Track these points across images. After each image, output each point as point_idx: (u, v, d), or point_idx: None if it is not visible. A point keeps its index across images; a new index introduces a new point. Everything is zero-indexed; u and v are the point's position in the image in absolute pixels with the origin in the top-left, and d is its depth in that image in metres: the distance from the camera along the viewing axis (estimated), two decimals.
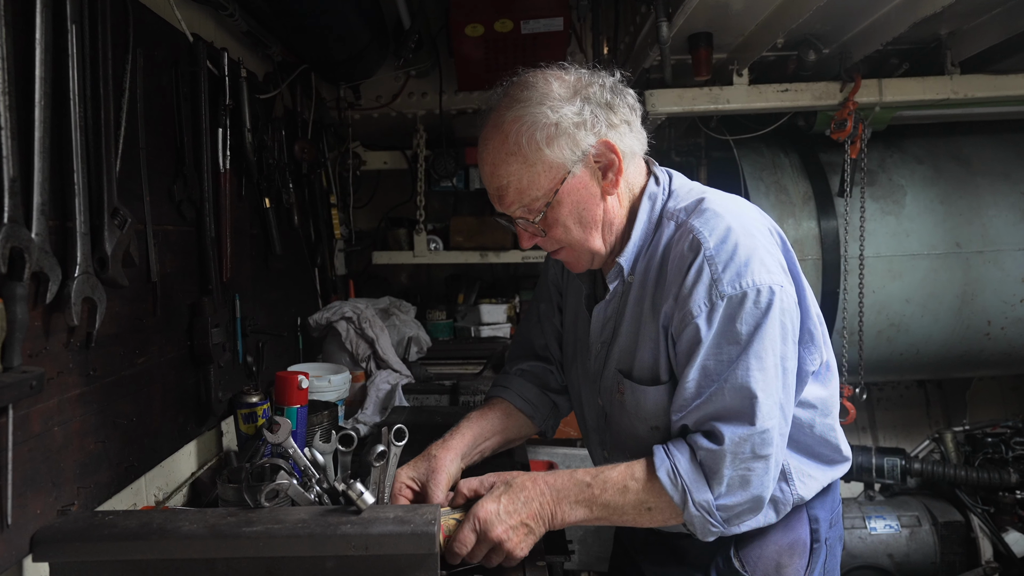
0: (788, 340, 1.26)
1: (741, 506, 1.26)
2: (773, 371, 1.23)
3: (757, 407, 1.21)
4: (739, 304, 1.22)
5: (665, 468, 1.26)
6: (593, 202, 1.33)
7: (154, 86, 1.67)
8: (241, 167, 2.16)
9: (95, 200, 1.35)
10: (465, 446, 1.55)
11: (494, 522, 1.26)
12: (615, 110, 1.32)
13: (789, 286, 1.27)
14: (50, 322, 1.25)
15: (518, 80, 1.34)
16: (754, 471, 1.24)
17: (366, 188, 3.84)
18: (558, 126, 1.26)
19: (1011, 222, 3.06)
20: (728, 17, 2.35)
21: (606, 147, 1.30)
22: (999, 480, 3.15)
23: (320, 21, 2.31)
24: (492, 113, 1.33)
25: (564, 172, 1.29)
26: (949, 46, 2.68)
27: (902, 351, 3.18)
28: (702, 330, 1.23)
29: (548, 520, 1.29)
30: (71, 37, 1.27)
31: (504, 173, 1.30)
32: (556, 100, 1.28)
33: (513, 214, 1.35)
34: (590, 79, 1.33)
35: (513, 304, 3.84)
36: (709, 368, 1.24)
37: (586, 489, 1.29)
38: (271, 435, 1.29)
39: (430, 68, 3.31)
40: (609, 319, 1.44)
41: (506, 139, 1.28)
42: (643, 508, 1.28)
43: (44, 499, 1.24)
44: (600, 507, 1.28)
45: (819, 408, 1.40)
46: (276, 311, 2.60)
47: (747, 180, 3.13)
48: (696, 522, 1.26)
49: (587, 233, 1.35)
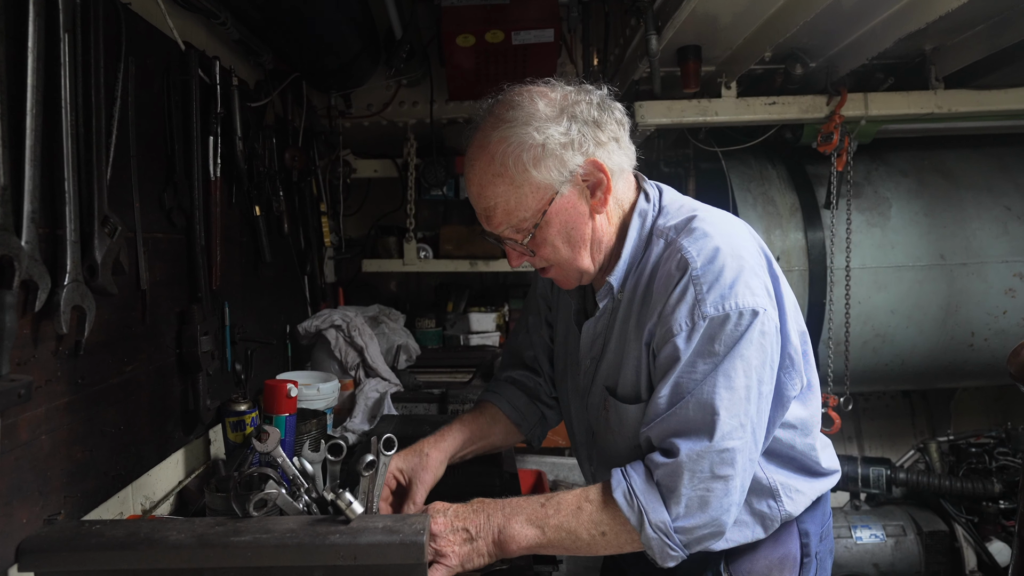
0: (766, 365, 1.24)
1: (701, 529, 1.22)
2: (743, 392, 1.21)
3: (717, 424, 1.19)
4: (720, 325, 1.21)
5: (621, 489, 1.24)
6: (581, 221, 1.32)
7: (146, 94, 1.68)
8: (231, 175, 2.16)
9: (85, 208, 1.35)
10: (455, 448, 1.58)
11: (437, 517, 1.27)
12: (602, 127, 1.30)
13: (772, 311, 1.25)
14: (39, 330, 1.25)
15: (503, 99, 1.31)
16: (713, 492, 1.20)
17: (356, 196, 3.84)
18: (544, 147, 1.24)
19: (994, 235, 3.11)
20: (716, 31, 2.38)
21: (594, 166, 1.28)
22: (983, 490, 3.18)
23: (312, 30, 2.32)
24: (477, 132, 1.31)
25: (552, 192, 1.27)
26: (933, 61, 2.72)
27: (887, 361, 3.21)
28: (680, 348, 1.22)
29: (495, 535, 1.26)
30: (64, 45, 1.27)
31: (491, 195, 1.29)
32: (542, 120, 1.25)
33: (502, 234, 1.34)
34: (576, 96, 1.30)
35: (502, 313, 3.84)
36: (681, 384, 1.23)
37: (539, 509, 1.26)
38: (259, 444, 1.29)
39: (421, 77, 3.33)
40: (599, 335, 1.43)
41: (492, 160, 1.26)
42: (598, 532, 1.24)
43: (30, 508, 1.23)
44: (553, 529, 1.25)
45: (799, 428, 1.39)
46: (265, 319, 2.59)
47: (735, 192, 3.16)
48: (654, 545, 1.22)
49: (576, 252, 1.34)
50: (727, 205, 3.13)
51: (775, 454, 1.37)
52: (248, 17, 2.12)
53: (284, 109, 2.81)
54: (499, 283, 4.15)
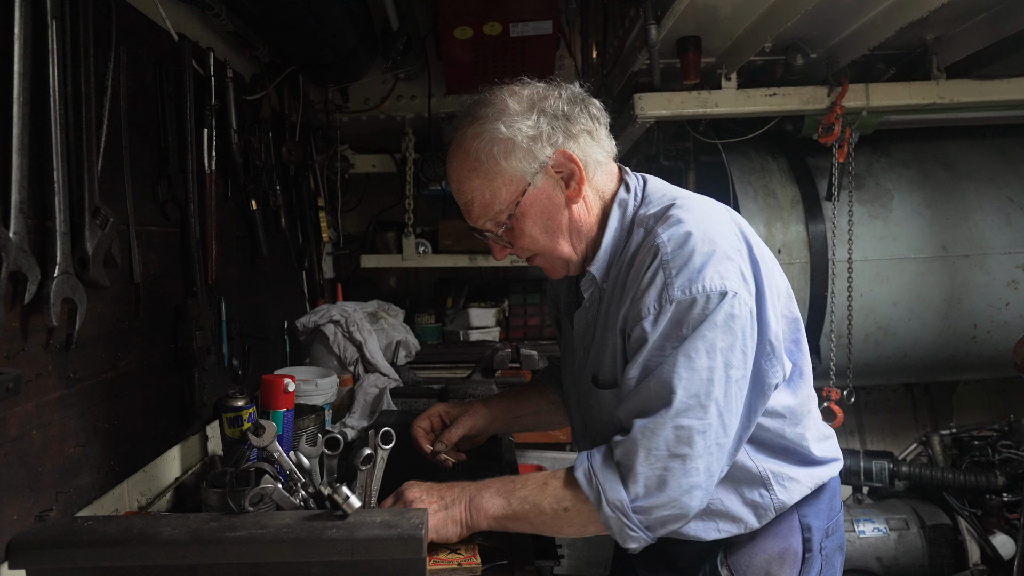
0: (735, 348, 1.22)
1: (660, 509, 1.22)
2: (704, 372, 1.20)
3: (673, 401, 1.20)
4: (687, 309, 1.21)
5: (583, 468, 1.27)
6: (557, 211, 1.36)
7: (138, 85, 1.65)
8: (227, 168, 2.13)
9: (76, 199, 1.32)
10: (501, 411, 1.76)
11: (412, 488, 1.36)
12: (573, 120, 1.34)
13: (746, 295, 1.24)
14: (28, 323, 1.23)
15: (479, 98, 1.38)
16: (671, 471, 1.20)
17: (354, 191, 3.82)
18: (513, 141, 1.30)
19: (996, 226, 3.08)
20: (716, 21, 2.36)
21: (564, 157, 1.32)
22: (986, 483, 3.16)
23: (307, 22, 2.30)
24: (456, 132, 1.38)
25: (524, 184, 1.33)
26: (935, 51, 2.70)
27: (889, 355, 3.19)
28: (648, 331, 1.24)
29: (467, 504, 1.31)
30: (51, 33, 1.24)
31: (468, 189, 1.35)
32: (511, 115, 1.31)
33: (482, 227, 1.39)
34: (546, 92, 1.36)
35: (502, 308, 3.82)
36: (648, 366, 1.25)
37: (508, 483, 1.33)
38: (256, 439, 1.27)
39: (419, 71, 3.30)
40: (590, 325, 1.45)
41: (467, 156, 1.33)
42: (560, 507, 1.28)
43: (21, 504, 1.21)
44: (519, 500, 1.29)
45: (787, 417, 1.37)
46: (263, 314, 2.57)
47: (735, 184, 3.13)
48: (613, 524, 1.23)
49: (554, 241, 1.38)
50: (728, 198, 3.11)
51: (764, 443, 1.37)
52: (243, 9, 2.10)
53: (281, 103, 2.78)
54: (499, 278, 4.13)
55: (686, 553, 1.42)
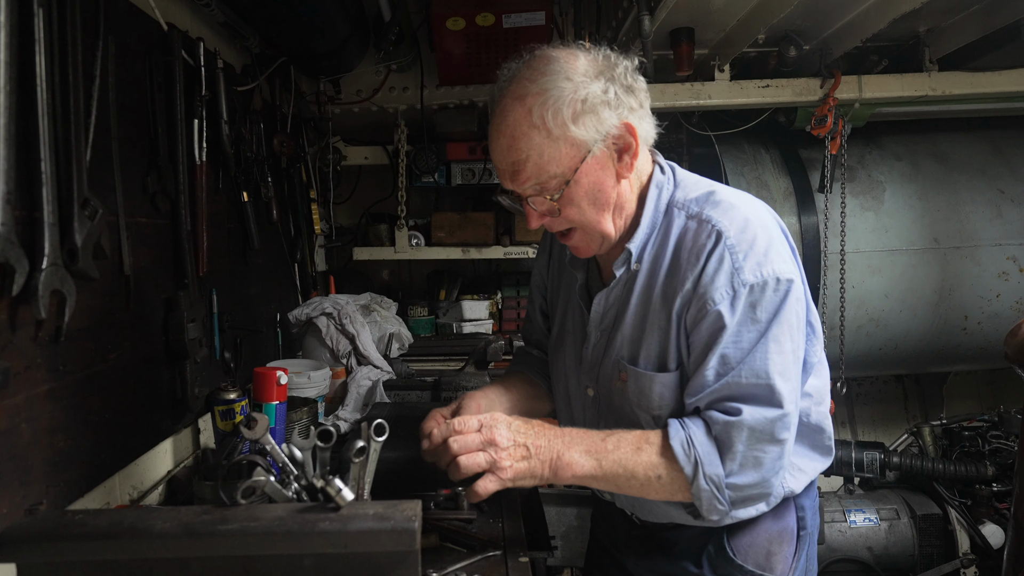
0: (800, 330, 1.28)
1: (751, 488, 1.25)
2: (791, 356, 1.24)
3: (776, 390, 1.22)
4: (760, 292, 1.22)
5: (680, 438, 1.25)
6: (608, 184, 1.31)
7: (127, 75, 1.63)
8: (218, 160, 2.11)
9: (64, 190, 1.30)
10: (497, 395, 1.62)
11: (500, 427, 1.26)
12: (635, 94, 1.30)
13: (801, 279, 1.30)
14: (16, 315, 1.21)
15: (540, 53, 1.30)
16: (768, 454, 1.24)
17: (347, 183, 3.80)
18: (585, 102, 1.23)
19: (988, 218, 3.10)
20: (709, 12, 2.35)
21: (627, 129, 1.27)
22: (976, 473, 3.18)
23: (299, 12, 2.28)
24: (511, 85, 1.28)
25: (585, 151, 1.26)
26: (927, 43, 2.71)
27: (881, 346, 3.21)
28: (725, 316, 1.23)
29: (553, 461, 1.26)
30: (38, 21, 1.22)
31: (524, 147, 1.26)
32: (583, 76, 1.24)
33: (524, 192, 1.31)
34: (616, 60, 1.30)
35: (495, 300, 3.82)
36: (728, 356, 1.24)
37: (599, 443, 1.27)
38: (248, 432, 1.26)
39: (411, 62, 3.28)
40: (611, 307, 1.42)
41: (530, 112, 1.24)
42: (654, 475, 1.26)
43: (11, 498, 1.20)
44: (611, 463, 1.26)
45: (814, 397, 1.42)
46: (255, 306, 2.56)
47: (728, 176, 3.14)
48: (704, 496, 1.24)
49: (600, 215, 1.33)
50: None
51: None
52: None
53: (272, 95, 2.76)
54: (492, 271, 4.12)
55: (684, 537, 1.44)
